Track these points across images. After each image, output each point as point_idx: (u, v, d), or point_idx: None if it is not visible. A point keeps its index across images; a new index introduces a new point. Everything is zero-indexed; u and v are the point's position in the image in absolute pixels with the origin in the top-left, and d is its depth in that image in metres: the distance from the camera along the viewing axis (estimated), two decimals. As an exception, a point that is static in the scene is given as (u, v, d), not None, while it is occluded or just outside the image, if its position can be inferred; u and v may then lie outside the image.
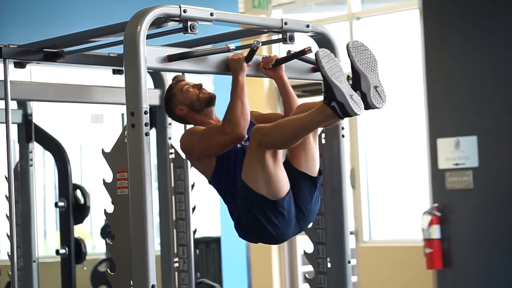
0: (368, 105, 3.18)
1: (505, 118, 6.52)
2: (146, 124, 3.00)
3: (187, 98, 3.64)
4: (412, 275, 7.21)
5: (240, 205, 3.40)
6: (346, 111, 3.11)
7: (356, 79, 3.20)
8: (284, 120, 3.34)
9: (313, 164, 3.44)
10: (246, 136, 3.43)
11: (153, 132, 4.68)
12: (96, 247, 7.15)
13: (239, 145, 3.51)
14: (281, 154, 3.35)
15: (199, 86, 3.66)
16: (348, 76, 3.27)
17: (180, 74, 3.87)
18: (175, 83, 3.72)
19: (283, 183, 3.33)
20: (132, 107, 3.01)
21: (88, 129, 7.11)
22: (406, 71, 7.76)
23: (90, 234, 7.20)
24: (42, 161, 6.54)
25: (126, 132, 3.05)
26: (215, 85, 6.26)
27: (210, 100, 3.65)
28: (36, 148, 5.05)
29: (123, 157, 3.07)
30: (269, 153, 3.28)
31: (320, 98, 3.86)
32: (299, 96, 7.89)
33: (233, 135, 3.35)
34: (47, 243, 7.08)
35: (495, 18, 6.61)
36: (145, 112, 3.00)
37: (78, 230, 5.44)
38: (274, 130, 3.28)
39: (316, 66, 3.33)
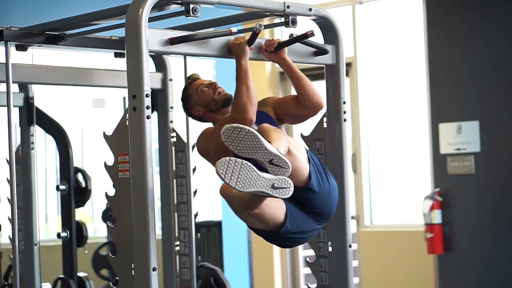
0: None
1: (507, 103, 6.50)
2: (147, 107, 3.00)
3: (203, 100, 3.61)
4: (413, 259, 7.21)
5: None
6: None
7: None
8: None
9: (296, 176, 3.24)
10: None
11: (154, 116, 4.68)
12: (97, 231, 7.15)
13: None
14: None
15: (214, 86, 3.63)
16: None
17: (194, 73, 3.82)
18: (190, 83, 3.68)
19: (277, 213, 3.31)
20: (133, 90, 3.01)
21: (89, 114, 7.10)
22: (408, 56, 7.74)
23: (91, 218, 7.20)
24: (43, 145, 6.54)
25: (127, 115, 3.05)
26: (217, 69, 6.25)
27: (226, 101, 3.60)
28: (37, 132, 5.05)
29: (124, 140, 3.07)
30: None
31: (321, 82, 3.86)
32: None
33: (242, 121, 3.32)
34: (48, 226, 7.09)
35: (498, 4, 6.59)
36: (147, 95, 3.00)
37: (79, 214, 5.44)
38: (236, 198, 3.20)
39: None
